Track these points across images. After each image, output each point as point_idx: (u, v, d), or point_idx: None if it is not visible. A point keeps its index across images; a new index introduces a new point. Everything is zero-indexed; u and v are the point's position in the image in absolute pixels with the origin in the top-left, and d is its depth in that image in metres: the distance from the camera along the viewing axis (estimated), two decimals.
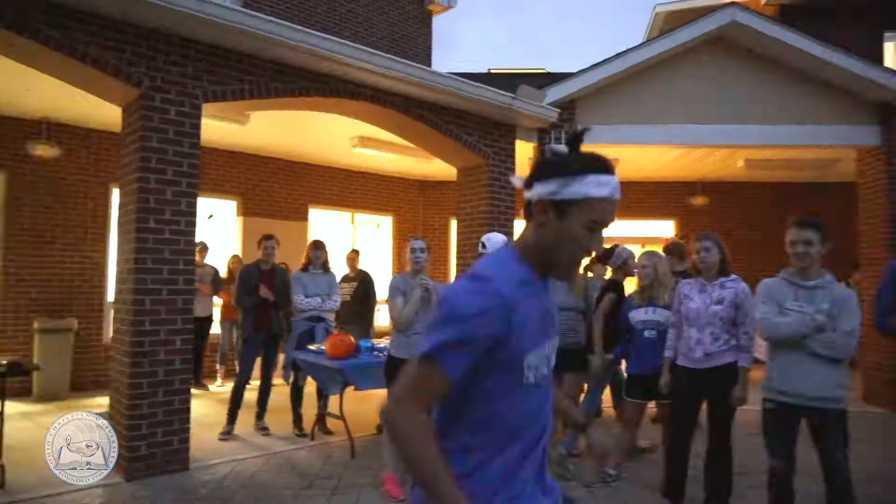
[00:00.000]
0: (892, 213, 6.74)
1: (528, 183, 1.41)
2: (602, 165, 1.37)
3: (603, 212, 1.36)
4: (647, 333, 4.09)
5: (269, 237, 5.54)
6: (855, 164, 7.38)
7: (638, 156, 8.47)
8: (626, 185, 7.28)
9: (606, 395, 5.76)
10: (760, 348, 3.40)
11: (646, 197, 10.38)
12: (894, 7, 9.74)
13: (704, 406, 3.63)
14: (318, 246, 5.55)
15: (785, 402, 3.02)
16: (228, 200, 8.45)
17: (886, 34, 9.88)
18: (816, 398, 2.94)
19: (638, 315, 4.15)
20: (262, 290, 5.27)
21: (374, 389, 4.99)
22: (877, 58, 9.75)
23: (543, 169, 1.39)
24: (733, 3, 6.87)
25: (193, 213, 4.45)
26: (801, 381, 2.96)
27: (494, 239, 4.09)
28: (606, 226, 1.38)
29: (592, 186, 1.34)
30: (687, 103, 7.05)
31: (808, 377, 2.96)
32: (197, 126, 4.48)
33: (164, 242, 4.27)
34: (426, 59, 11.51)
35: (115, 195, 6.46)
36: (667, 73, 7.05)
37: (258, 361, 5.49)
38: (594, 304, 4.87)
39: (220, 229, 8.31)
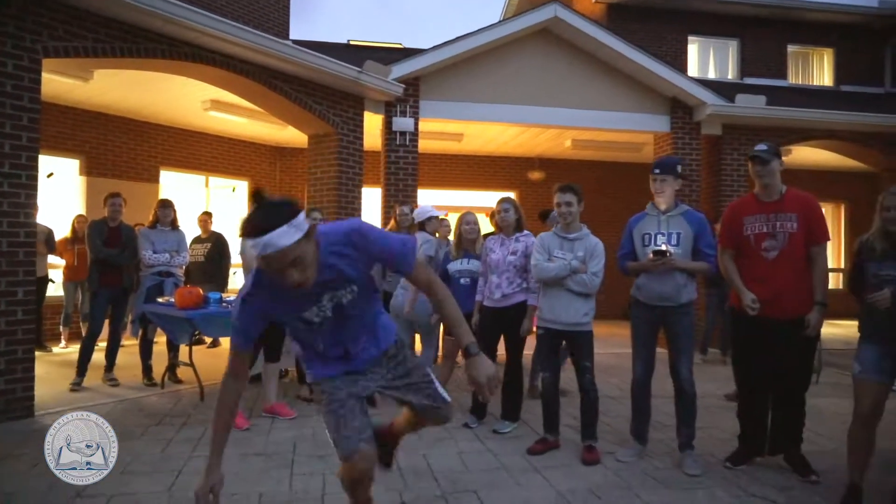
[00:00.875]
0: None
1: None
2: (249, 231, 1.83)
3: (267, 263, 1.88)
4: (462, 281, 4.87)
5: (115, 195, 5.63)
6: (653, 148, 8.75)
7: (481, 131, 9.35)
8: (473, 159, 8.46)
9: None
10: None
11: (490, 170, 11.39)
12: (698, 14, 11.38)
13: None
14: (165, 204, 5.73)
15: (551, 328, 3.89)
16: (70, 159, 8.17)
17: (690, 37, 11.52)
18: (571, 324, 3.84)
19: (455, 266, 4.91)
20: (110, 250, 5.41)
21: (223, 338, 5.37)
22: (683, 56, 11.39)
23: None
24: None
25: (35, 168, 4.52)
26: (561, 312, 3.84)
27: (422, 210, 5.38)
28: (281, 271, 1.87)
29: (249, 248, 1.97)
30: (518, 86, 7.95)
31: (566, 309, 3.85)
32: (37, 81, 4.51)
33: (4, 196, 4.33)
34: (284, 27, 11.56)
35: None
36: (501, 57, 7.88)
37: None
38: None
39: (60, 189, 8.04)
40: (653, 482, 3.47)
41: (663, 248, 3.60)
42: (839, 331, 8.44)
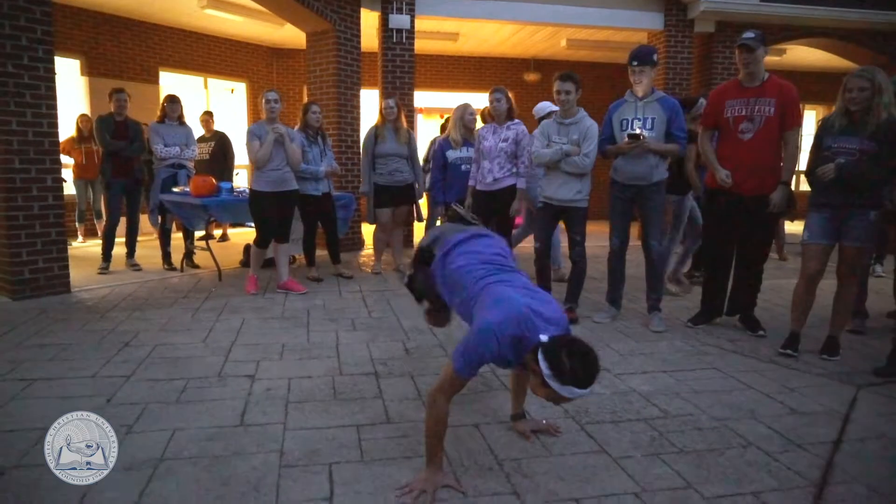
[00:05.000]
0: (665, 88, 8.32)
1: None
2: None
3: None
4: (463, 167, 5.25)
5: (119, 90, 5.86)
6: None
7: (476, 30, 9.38)
8: (468, 60, 8.65)
9: None
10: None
11: (486, 71, 11.44)
12: None
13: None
14: (173, 100, 5.98)
15: (549, 204, 4.29)
16: (71, 59, 8.28)
17: None
18: (566, 200, 4.25)
19: (456, 154, 5.29)
20: (117, 141, 5.69)
21: (236, 224, 5.82)
22: None
23: None
24: None
25: (51, 61, 4.77)
26: (558, 190, 4.25)
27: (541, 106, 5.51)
28: None
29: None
30: None
31: (561, 187, 4.25)
32: None
33: (25, 87, 4.60)
34: None
35: None
36: None
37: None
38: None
39: (62, 90, 8.17)
40: (622, 337, 4.00)
41: (637, 131, 3.95)
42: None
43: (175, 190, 5.72)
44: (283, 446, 2.39)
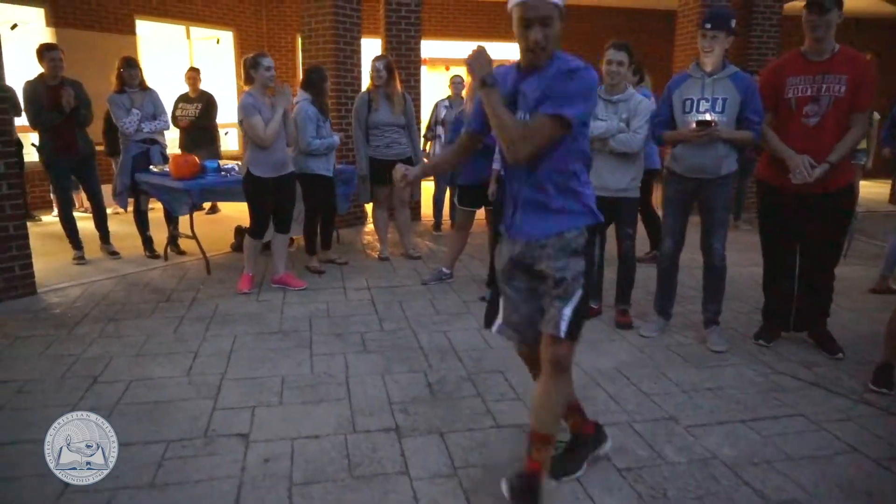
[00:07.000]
0: None
1: None
2: None
3: (522, 9, 1.85)
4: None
5: (50, 47, 5.00)
6: None
7: None
8: (479, 5, 7.64)
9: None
10: None
11: (498, 17, 10.46)
12: None
13: None
14: (130, 64, 5.12)
15: (598, 196, 3.64)
16: (34, 7, 7.36)
17: None
18: (618, 189, 3.68)
19: None
20: (65, 95, 4.77)
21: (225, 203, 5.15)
22: None
23: None
24: None
25: None
26: (608, 178, 3.64)
27: None
28: (533, 21, 1.84)
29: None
30: None
31: (612, 174, 3.65)
32: None
33: None
34: None
35: None
36: None
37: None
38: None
39: (25, 43, 7.30)
40: (679, 360, 3.42)
41: (708, 117, 3.25)
42: (868, 192, 8.24)
43: (154, 170, 5.01)
44: None
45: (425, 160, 5.74)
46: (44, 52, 4.91)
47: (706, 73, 3.38)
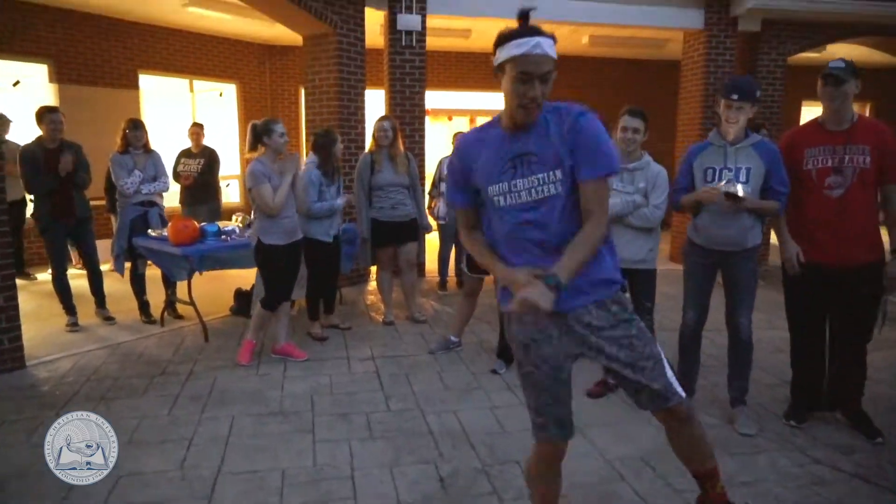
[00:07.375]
0: (705, 93, 7.46)
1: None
2: (519, 33, 1.72)
3: (521, 64, 1.71)
4: None
5: (52, 109, 4.91)
6: (682, 46, 7.94)
7: (491, 27, 8.42)
8: (481, 57, 7.43)
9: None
10: None
11: None
12: None
13: None
14: (137, 125, 5.04)
15: None
16: (38, 64, 7.33)
17: None
18: (635, 261, 3.51)
19: None
20: (63, 161, 4.66)
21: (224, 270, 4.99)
22: None
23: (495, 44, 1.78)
24: None
25: None
26: (623, 249, 3.43)
27: None
28: (534, 77, 1.71)
29: (513, 48, 1.71)
30: None
31: (628, 245, 3.48)
32: None
33: None
34: None
35: None
36: None
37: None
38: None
39: (29, 99, 7.27)
40: None
41: (740, 192, 3.08)
42: None
43: (152, 234, 4.86)
44: None
45: (431, 220, 5.64)
46: (44, 114, 4.82)
47: (728, 143, 3.25)
